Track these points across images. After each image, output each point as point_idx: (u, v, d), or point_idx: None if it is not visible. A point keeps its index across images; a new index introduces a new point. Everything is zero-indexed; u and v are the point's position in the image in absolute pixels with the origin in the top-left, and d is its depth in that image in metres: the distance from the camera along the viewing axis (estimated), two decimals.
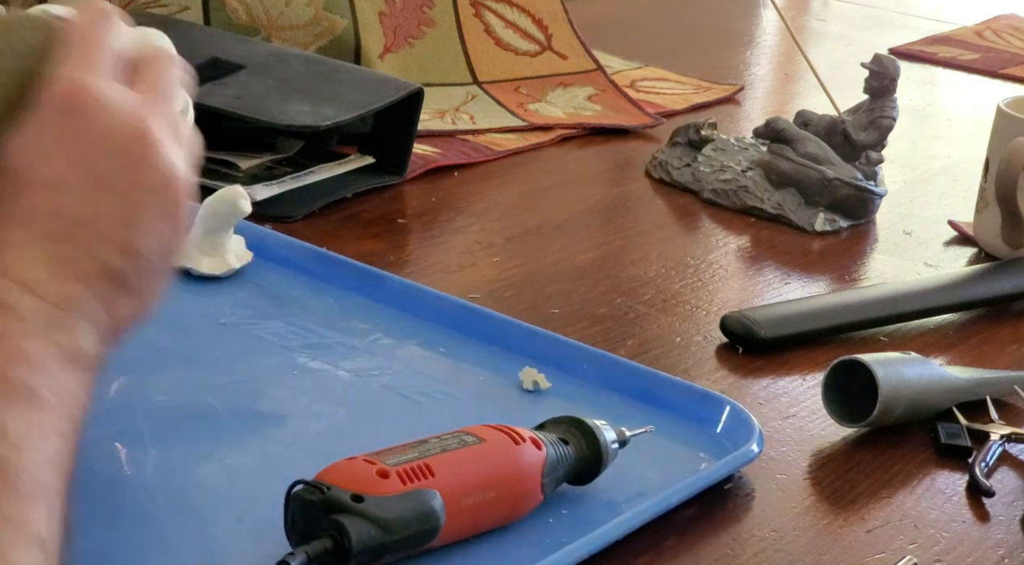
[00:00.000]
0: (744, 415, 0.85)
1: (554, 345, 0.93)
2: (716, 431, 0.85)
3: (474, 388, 0.89)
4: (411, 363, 0.91)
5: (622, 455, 0.78)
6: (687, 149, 1.34)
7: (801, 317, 1.02)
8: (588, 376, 0.90)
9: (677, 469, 0.80)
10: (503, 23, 1.59)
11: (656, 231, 1.23)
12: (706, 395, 0.88)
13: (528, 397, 0.88)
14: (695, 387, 0.89)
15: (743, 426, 0.84)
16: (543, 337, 0.93)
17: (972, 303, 1.10)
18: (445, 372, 0.90)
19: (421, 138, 1.32)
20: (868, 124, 1.28)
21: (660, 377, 0.90)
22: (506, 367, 0.90)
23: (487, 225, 1.21)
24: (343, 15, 1.43)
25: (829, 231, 1.24)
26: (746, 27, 2.00)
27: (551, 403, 0.87)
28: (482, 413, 0.84)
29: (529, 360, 0.90)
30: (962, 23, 2.06)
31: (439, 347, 0.93)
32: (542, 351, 0.92)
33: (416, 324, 0.96)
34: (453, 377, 0.90)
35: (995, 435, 0.89)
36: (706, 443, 0.84)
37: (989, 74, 1.82)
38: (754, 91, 1.67)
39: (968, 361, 1.02)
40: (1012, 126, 1.18)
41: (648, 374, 0.90)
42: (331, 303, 0.98)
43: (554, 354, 0.92)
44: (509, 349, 0.92)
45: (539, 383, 0.88)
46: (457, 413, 0.84)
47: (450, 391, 0.88)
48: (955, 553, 0.78)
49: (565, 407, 0.84)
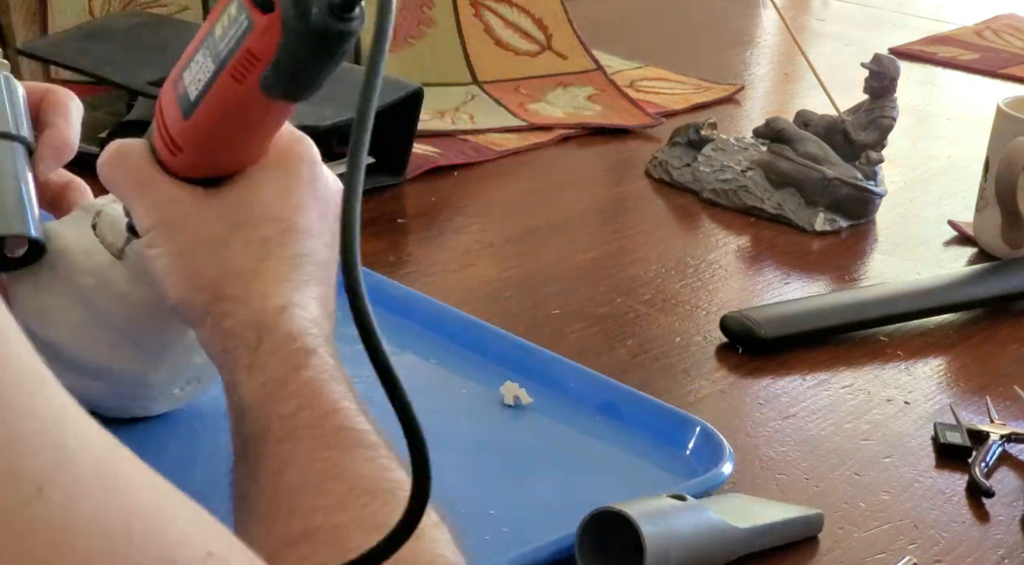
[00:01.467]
0: (716, 438, 0.83)
1: (540, 359, 0.92)
2: (686, 453, 0.84)
3: (455, 401, 0.88)
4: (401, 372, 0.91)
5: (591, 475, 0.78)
6: (687, 149, 1.34)
7: (801, 317, 1.02)
8: (571, 392, 0.89)
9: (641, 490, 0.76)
10: (503, 23, 1.59)
11: (656, 231, 1.23)
12: (683, 417, 0.86)
13: (508, 412, 0.88)
14: (674, 409, 0.87)
15: (715, 448, 0.82)
16: (530, 351, 0.92)
17: (972, 303, 1.10)
18: (429, 383, 0.90)
19: (421, 138, 1.32)
20: (868, 124, 1.28)
21: (641, 398, 0.88)
22: (490, 379, 0.90)
23: (487, 225, 1.21)
24: None
25: (829, 231, 1.24)
26: (746, 27, 2.00)
27: (530, 419, 0.87)
28: (458, 429, 0.84)
29: (513, 373, 0.90)
30: (962, 23, 2.06)
31: (431, 357, 0.93)
32: (529, 364, 0.91)
33: (412, 331, 0.95)
34: (436, 389, 0.89)
35: (995, 435, 0.89)
36: (675, 465, 0.83)
37: (989, 74, 1.82)
38: (754, 91, 1.67)
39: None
40: (1012, 126, 1.18)
41: (630, 394, 0.88)
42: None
43: (538, 368, 0.91)
44: (495, 360, 0.92)
45: (520, 398, 0.88)
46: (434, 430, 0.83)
47: (428, 403, 0.87)
48: (955, 553, 0.78)
49: (543, 424, 0.84)
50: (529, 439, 0.85)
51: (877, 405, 0.94)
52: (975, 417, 0.92)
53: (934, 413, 0.93)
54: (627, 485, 0.80)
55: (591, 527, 0.71)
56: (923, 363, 1.01)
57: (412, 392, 0.80)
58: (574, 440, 0.86)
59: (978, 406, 0.94)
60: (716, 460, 0.81)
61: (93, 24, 1.38)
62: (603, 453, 0.84)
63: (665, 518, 0.71)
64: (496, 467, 0.82)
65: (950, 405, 0.93)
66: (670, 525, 0.71)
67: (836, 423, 0.91)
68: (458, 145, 1.36)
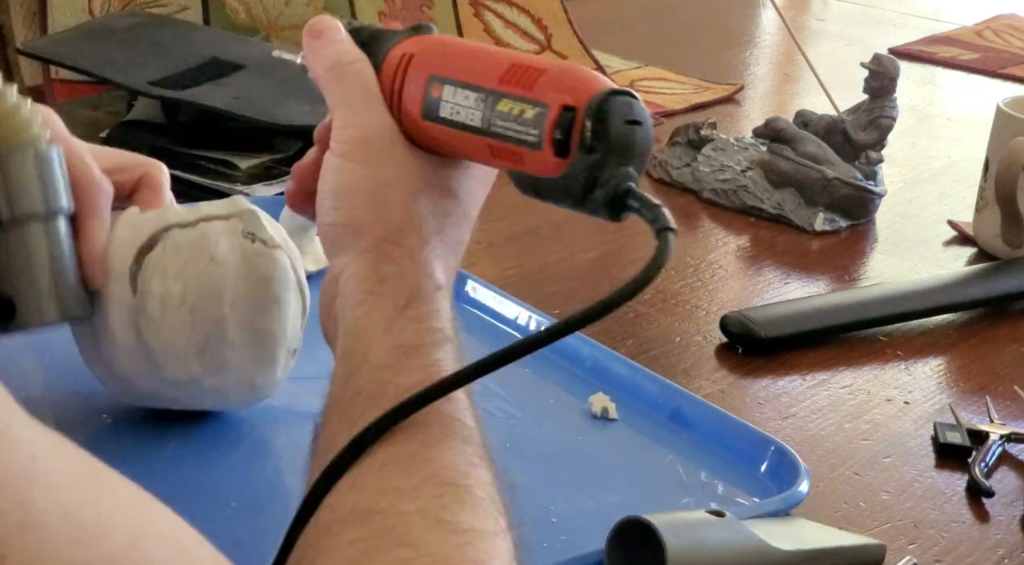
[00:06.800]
0: (791, 456, 0.81)
1: (630, 373, 0.91)
2: (761, 471, 0.82)
3: (542, 409, 0.88)
4: (491, 376, 0.91)
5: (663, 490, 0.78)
6: (687, 149, 1.34)
7: (801, 317, 1.02)
8: (658, 407, 0.88)
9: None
10: (503, 23, 1.59)
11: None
12: (766, 439, 0.84)
13: (593, 424, 0.87)
14: (755, 430, 0.85)
15: (789, 466, 0.81)
16: (622, 363, 0.92)
17: (972, 303, 1.10)
18: (519, 390, 0.89)
19: None
20: (868, 124, 1.28)
21: (729, 419, 0.86)
22: (580, 390, 0.89)
23: (487, 225, 1.21)
24: (343, 15, 1.43)
25: (829, 231, 1.24)
26: (746, 27, 2.00)
27: (614, 432, 0.86)
28: (539, 436, 0.84)
29: (604, 385, 0.89)
30: (962, 23, 2.06)
31: (523, 365, 0.92)
32: (619, 377, 0.90)
33: (504, 337, 0.95)
34: (525, 396, 0.89)
35: (995, 435, 0.89)
36: (751, 484, 0.81)
37: (989, 74, 1.82)
38: (754, 91, 1.67)
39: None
40: (1012, 126, 1.18)
41: (718, 415, 0.87)
42: None
43: (627, 382, 0.90)
44: (587, 371, 0.91)
45: (608, 410, 0.87)
46: (515, 436, 0.83)
47: (514, 411, 0.87)
48: (955, 553, 0.78)
49: (626, 436, 0.84)
50: (609, 451, 0.85)
51: (877, 405, 0.94)
52: (975, 417, 0.92)
53: (934, 413, 0.93)
54: (697, 502, 0.78)
55: (624, 538, 0.70)
56: (923, 363, 1.01)
57: (500, 397, 0.80)
58: (654, 455, 0.84)
59: (978, 406, 0.94)
60: (792, 480, 0.79)
61: (93, 24, 1.38)
62: (682, 469, 0.83)
63: (694, 532, 0.69)
64: (571, 477, 0.81)
65: (950, 405, 0.93)
66: (698, 539, 0.69)
67: (836, 423, 0.91)
68: None
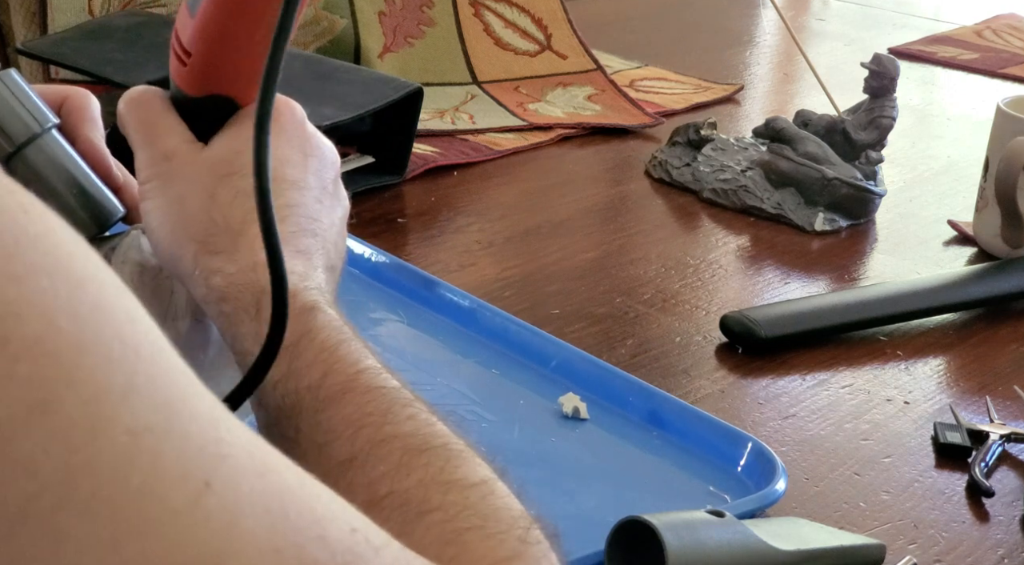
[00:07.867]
0: (767, 454, 0.82)
1: (601, 372, 0.91)
2: (737, 469, 0.83)
3: (513, 411, 0.88)
4: (461, 380, 0.91)
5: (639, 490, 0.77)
6: (687, 149, 1.34)
7: (801, 317, 1.02)
8: (628, 407, 0.89)
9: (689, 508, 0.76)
10: (503, 23, 1.59)
11: (656, 231, 1.23)
12: (743, 437, 0.84)
13: (565, 424, 0.87)
14: (730, 427, 0.86)
15: (767, 464, 0.82)
16: (592, 363, 0.92)
17: (972, 303, 1.10)
18: (489, 392, 0.89)
19: (421, 138, 1.32)
20: (868, 124, 1.28)
21: (703, 416, 0.87)
22: (550, 391, 0.90)
23: (487, 225, 1.21)
24: (343, 15, 1.43)
25: (829, 231, 1.24)
26: (746, 27, 2.00)
27: (585, 432, 0.86)
28: (511, 438, 0.84)
29: (574, 385, 0.90)
30: (962, 23, 2.06)
31: (492, 367, 0.93)
32: (589, 377, 0.91)
33: (475, 341, 0.96)
34: (495, 398, 0.89)
35: (995, 435, 0.89)
36: (728, 482, 0.82)
37: (989, 74, 1.82)
38: (754, 91, 1.67)
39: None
40: (1012, 126, 1.18)
41: (692, 413, 0.87)
42: (401, 315, 1.00)
43: (598, 381, 0.90)
44: (557, 372, 0.92)
45: (579, 410, 0.87)
46: (487, 439, 0.83)
47: (484, 412, 0.87)
48: (955, 553, 0.78)
49: (598, 437, 0.84)
50: (582, 451, 0.85)
51: (877, 405, 0.94)
52: (975, 417, 0.92)
53: (934, 413, 0.93)
54: (675, 501, 0.79)
55: (623, 538, 0.70)
56: (923, 363, 1.01)
57: (471, 401, 0.81)
58: (627, 454, 0.85)
59: (978, 406, 0.94)
60: (768, 478, 0.80)
61: (93, 24, 1.38)
62: (655, 468, 0.83)
63: (694, 531, 0.69)
64: (546, 478, 0.81)
65: (950, 405, 0.93)
66: (699, 539, 0.69)
67: (836, 423, 0.91)
68: (458, 145, 1.36)
